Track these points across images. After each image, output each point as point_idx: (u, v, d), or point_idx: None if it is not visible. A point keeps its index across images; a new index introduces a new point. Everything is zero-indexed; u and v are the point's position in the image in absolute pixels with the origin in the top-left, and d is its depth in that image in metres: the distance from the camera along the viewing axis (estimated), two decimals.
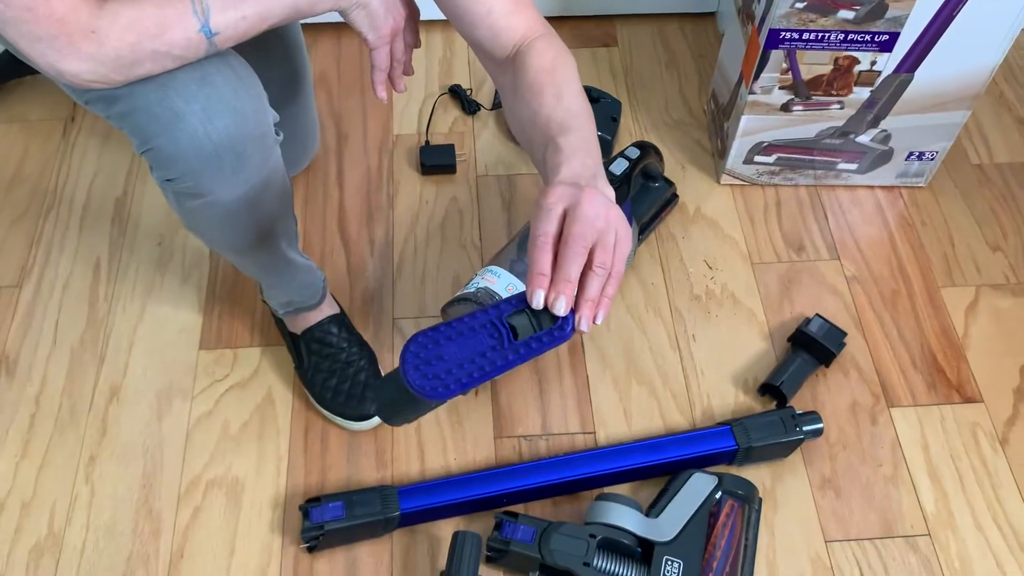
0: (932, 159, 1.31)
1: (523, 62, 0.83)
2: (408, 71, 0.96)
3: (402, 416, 0.79)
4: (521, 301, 0.70)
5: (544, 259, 0.68)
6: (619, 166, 1.18)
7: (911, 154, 1.30)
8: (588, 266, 0.69)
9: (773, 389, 1.12)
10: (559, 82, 0.80)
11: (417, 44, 0.95)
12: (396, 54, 0.92)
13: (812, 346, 1.14)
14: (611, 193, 0.73)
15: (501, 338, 0.70)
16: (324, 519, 0.99)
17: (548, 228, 0.69)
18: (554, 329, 0.69)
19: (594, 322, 0.69)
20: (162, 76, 0.77)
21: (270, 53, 1.11)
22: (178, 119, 0.78)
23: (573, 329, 0.69)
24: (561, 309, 0.68)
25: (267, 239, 0.97)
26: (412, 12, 0.92)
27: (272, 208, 0.93)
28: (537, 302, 0.68)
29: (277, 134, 0.87)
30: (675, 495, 1.01)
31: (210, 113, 0.78)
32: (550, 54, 0.83)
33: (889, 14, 1.10)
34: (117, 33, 0.73)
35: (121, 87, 0.77)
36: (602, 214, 0.69)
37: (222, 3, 0.76)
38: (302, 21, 1.07)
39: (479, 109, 1.45)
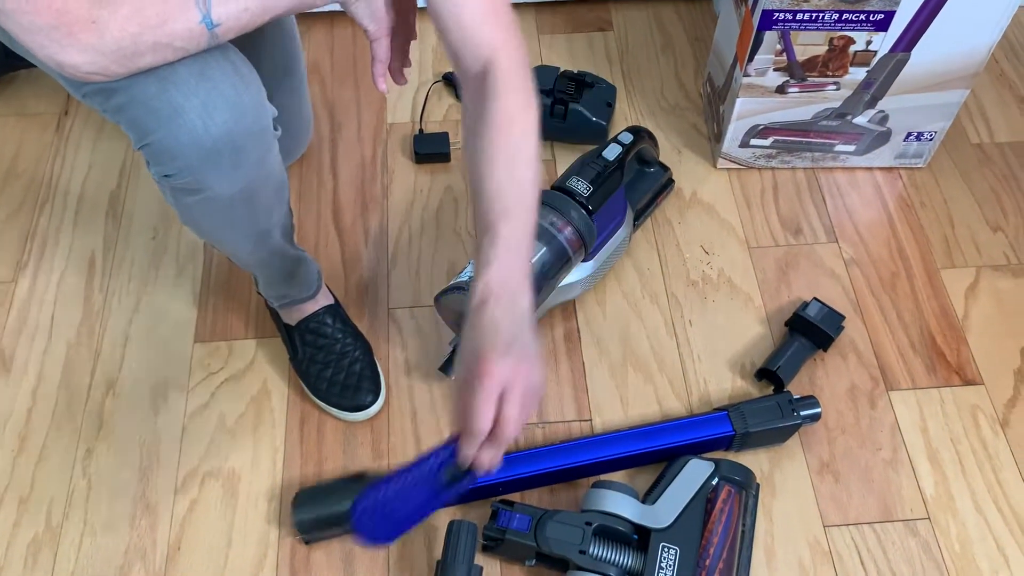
0: (931, 139, 1.30)
1: (489, 96, 0.79)
2: (406, 63, 0.96)
3: (320, 536, 1.00)
4: (451, 454, 0.77)
5: (484, 432, 0.73)
6: (612, 151, 1.17)
7: (909, 134, 1.29)
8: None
9: (770, 374, 1.11)
10: (517, 142, 0.79)
11: (414, 36, 0.95)
12: (397, 46, 0.91)
13: (810, 330, 1.14)
14: (528, 317, 0.76)
15: (435, 487, 0.80)
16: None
17: (488, 415, 0.72)
18: (472, 474, 0.78)
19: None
20: (161, 70, 0.76)
21: (263, 42, 1.10)
22: (177, 114, 0.77)
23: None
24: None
25: (264, 234, 0.96)
26: (411, 4, 0.91)
27: (269, 203, 0.92)
28: (468, 463, 0.76)
29: (276, 129, 0.86)
30: (671, 482, 1.00)
31: (209, 108, 0.77)
32: (516, 99, 0.80)
33: None
34: (118, 23, 0.71)
35: (120, 80, 0.76)
36: (532, 392, 0.75)
37: None
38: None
39: None
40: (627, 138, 1.20)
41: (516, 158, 0.79)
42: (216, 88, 0.78)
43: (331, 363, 1.11)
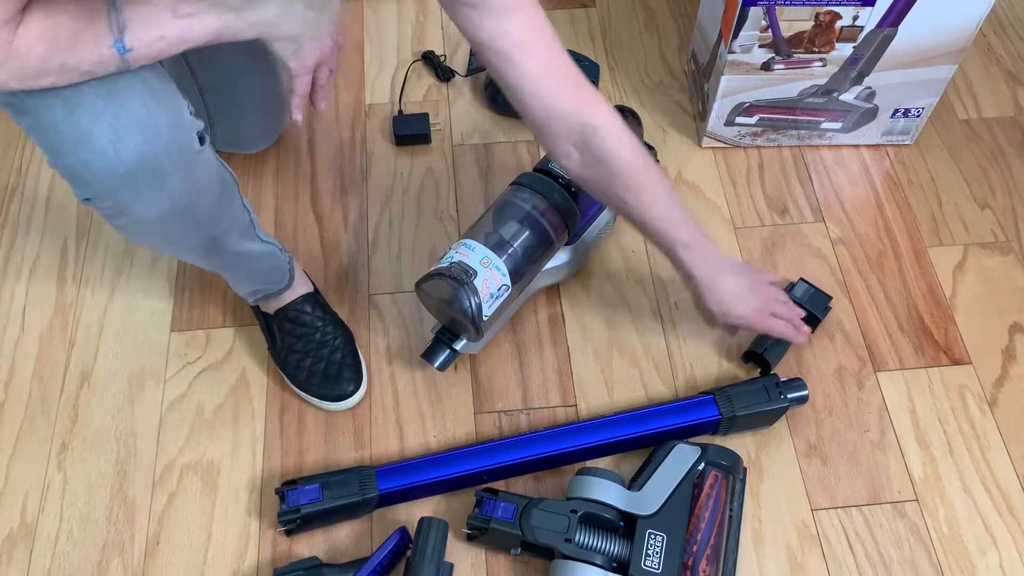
0: (918, 116, 1.28)
1: (609, 155, 0.89)
2: (325, 94, 0.96)
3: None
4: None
5: (785, 331, 1.07)
6: None
7: (896, 111, 1.27)
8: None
9: (757, 356, 1.10)
10: (657, 178, 0.94)
11: (335, 70, 0.94)
12: (319, 80, 0.90)
13: None
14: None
15: None
16: (300, 502, 0.97)
17: (781, 327, 1.06)
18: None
19: None
20: (68, 92, 0.72)
21: None
22: (85, 139, 0.73)
23: None
24: None
25: (214, 240, 0.92)
26: (335, 43, 0.89)
27: (211, 213, 0.88)
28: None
29: (202, 144, 0.81)
30: (658, 467, 0.99)
31: (119, 131, 0.74)
32: (635, 148, 0.91)
33: None
34: (28, 43, 0.68)
35: (26, 100, 0.73)
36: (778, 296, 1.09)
37: (140, 20, 0.72)
38: None
39: (453, 76, 1.41)
40: None
41: (664, 189, 0.95)
42: (125, 109, 0.74)
43: (311, 352, 1.09)
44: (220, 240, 0.93)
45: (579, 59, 1.37)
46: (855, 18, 1.13)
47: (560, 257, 1.13)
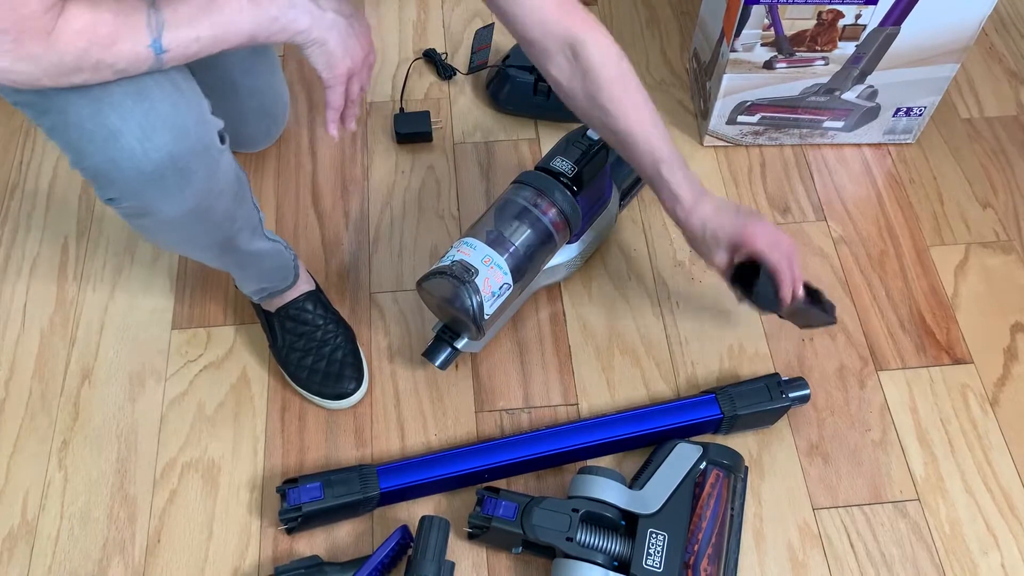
0: (920, 115, 1.28)
1: (594, 68, 0.91)
2: (356, 111, 0.96)
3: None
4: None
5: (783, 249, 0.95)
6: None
7: (899, 110, 1.27)
8: None
9: (746, 274, 0.96)
10: (638, 93, 0.94)
11: (367, 85, 0.94)
12: (351, 94, 0.90)
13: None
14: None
15: None
16: (301, 501, 0.97)
17: (774, 242, 0.95)
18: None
19: None
20: (96, 90, 0.72)
21: None
22: (114, 137, 0.73)
23: None
24: None
25: (228, 240, 0.93)
26: (368, 57, 0.89)
27: (228, 212, 0.88)
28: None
29: (222, 142, 0.82)
30: (659, 466, 0.99)
31: (148, 131, 0.74)
32: (621, 64, 0.93)
33: None
34: (68, 36, 0.68)
35: (52, 99, 0.72)
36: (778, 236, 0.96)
37: (178, 20, 0.72)
38: None
39: (455, 74, 1.41)
40: None
41: (647, 101, 0.95)
42: (154, 108, 0.74)
43: (312, 350, 1.09)
44: (233, 239, 0.93)
45: None
46: (858, 17, 1.13)
47: (562, 255, 1.13)
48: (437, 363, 1.06)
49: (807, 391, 1.06)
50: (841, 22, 1.13)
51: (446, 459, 1.02)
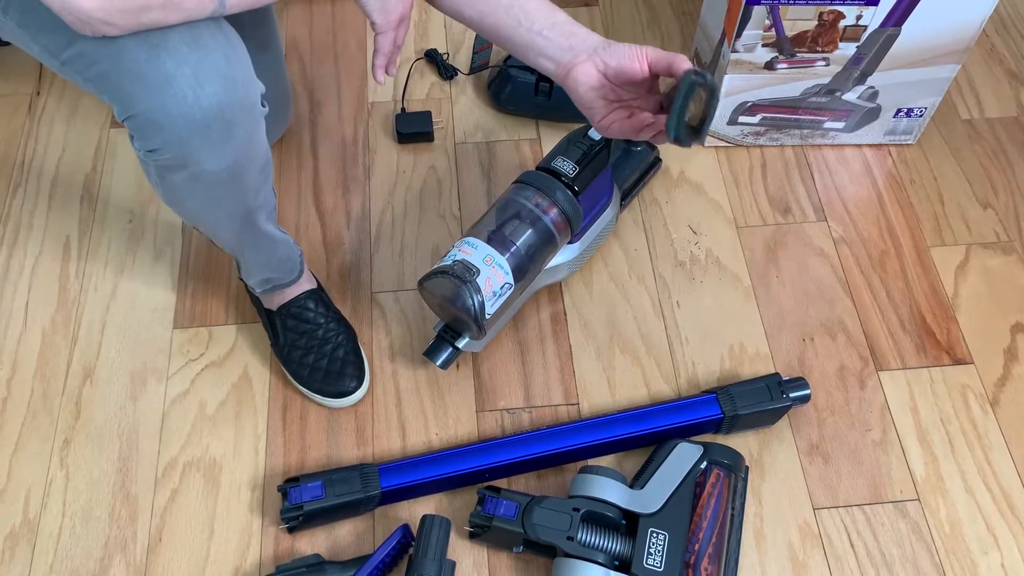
0: (921, 115, 1.28)
1: None
2: (399, 54, 0.95)
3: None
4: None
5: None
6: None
7: (899, 111, 1.27)
8: None
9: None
10: None
11: (407, 28, 0.94)
12: (398, 40, 0.90)
13: None
14: None
15: None
16: (303, 500, 0.97)
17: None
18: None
19: None
20: (152, 35, 0.73)
21: (240, 19, 1.07)
22: (167, 83, 0.74)
23: None
24: None
25: (249, 213, 0.94)
26: (408, 11, 0.90)
27: (256, 181, 0.90)
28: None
29: (263, 106, 0.83)
30: (660, 466, 0.99)
31: (200, 78, 0.74)
32: None
33: None
34: None
35: (110, 45, 0.73)
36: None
37: None
38: None
39: (456, 74, 1.41)
40: None
41: None
42: (208, 57, 0.75)
43: (313, 348, 1.09)
44: (254, 213, 0.94)
45: None
46: (859, 17, 1.13)
47: (563, 255, 1.13)
48: (438, 362, 1.06)
49: (807, 391, 1.06)
50: (842, 23, 1.14)
51: (447, 458, 1.02)
